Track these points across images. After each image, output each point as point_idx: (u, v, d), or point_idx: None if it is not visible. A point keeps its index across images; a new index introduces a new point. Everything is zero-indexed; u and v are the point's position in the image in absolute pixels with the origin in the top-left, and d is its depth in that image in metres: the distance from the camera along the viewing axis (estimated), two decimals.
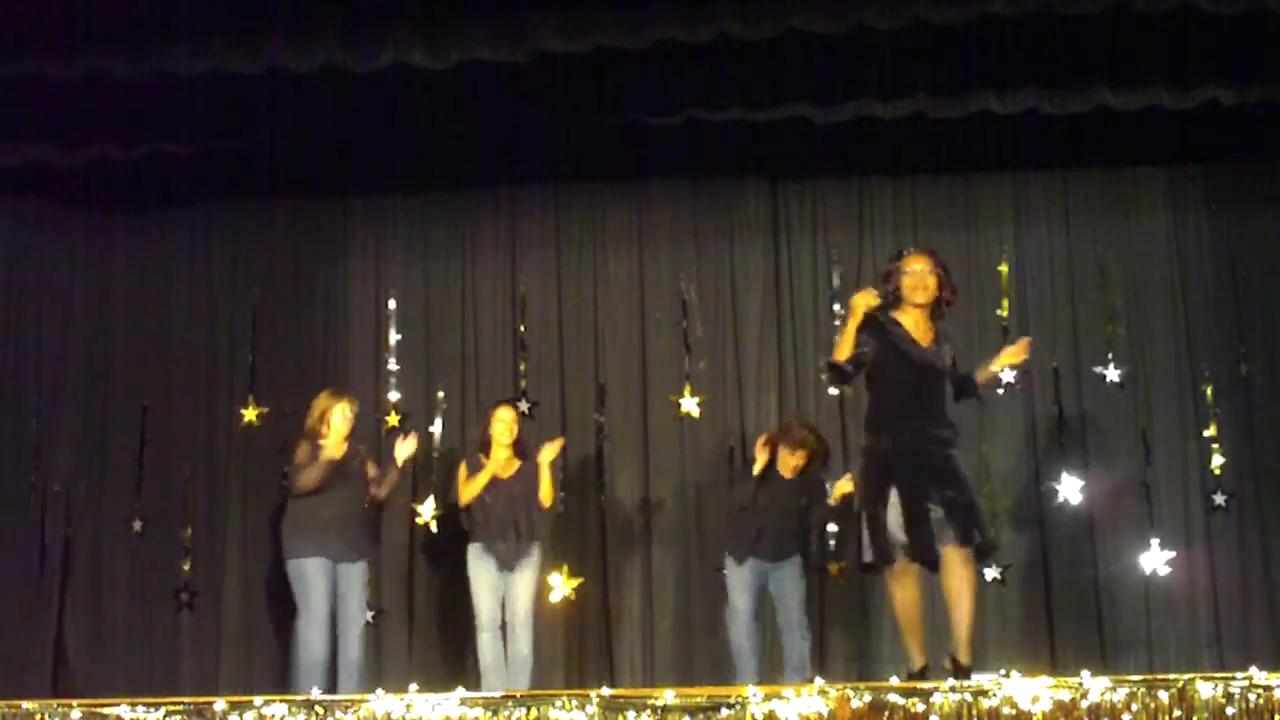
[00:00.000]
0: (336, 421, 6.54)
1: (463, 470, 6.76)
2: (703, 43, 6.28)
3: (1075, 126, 7.17)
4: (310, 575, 6.37)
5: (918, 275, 5.57)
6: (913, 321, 5.58)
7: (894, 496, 5.42)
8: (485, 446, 6.74)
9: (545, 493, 6.66)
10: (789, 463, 6.65)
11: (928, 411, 5.51)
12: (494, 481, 6.65)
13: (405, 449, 6.74)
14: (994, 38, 6.48)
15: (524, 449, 6.79)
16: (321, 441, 6.51)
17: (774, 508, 6.62)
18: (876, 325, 5.58)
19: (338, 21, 6.26)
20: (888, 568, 5.52)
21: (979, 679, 4.65)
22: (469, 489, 6.66)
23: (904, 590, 5.56)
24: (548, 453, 6.68)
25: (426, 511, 7.41)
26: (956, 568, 5.43)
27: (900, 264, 5.65)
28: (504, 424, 6.72)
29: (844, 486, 6.58)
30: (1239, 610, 7.26)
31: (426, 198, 7.95)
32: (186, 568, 7.56)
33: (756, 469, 6.60)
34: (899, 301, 5.60)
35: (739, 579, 6.66)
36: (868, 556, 5.56)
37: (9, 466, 7.56)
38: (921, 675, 5.47)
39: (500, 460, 6.71)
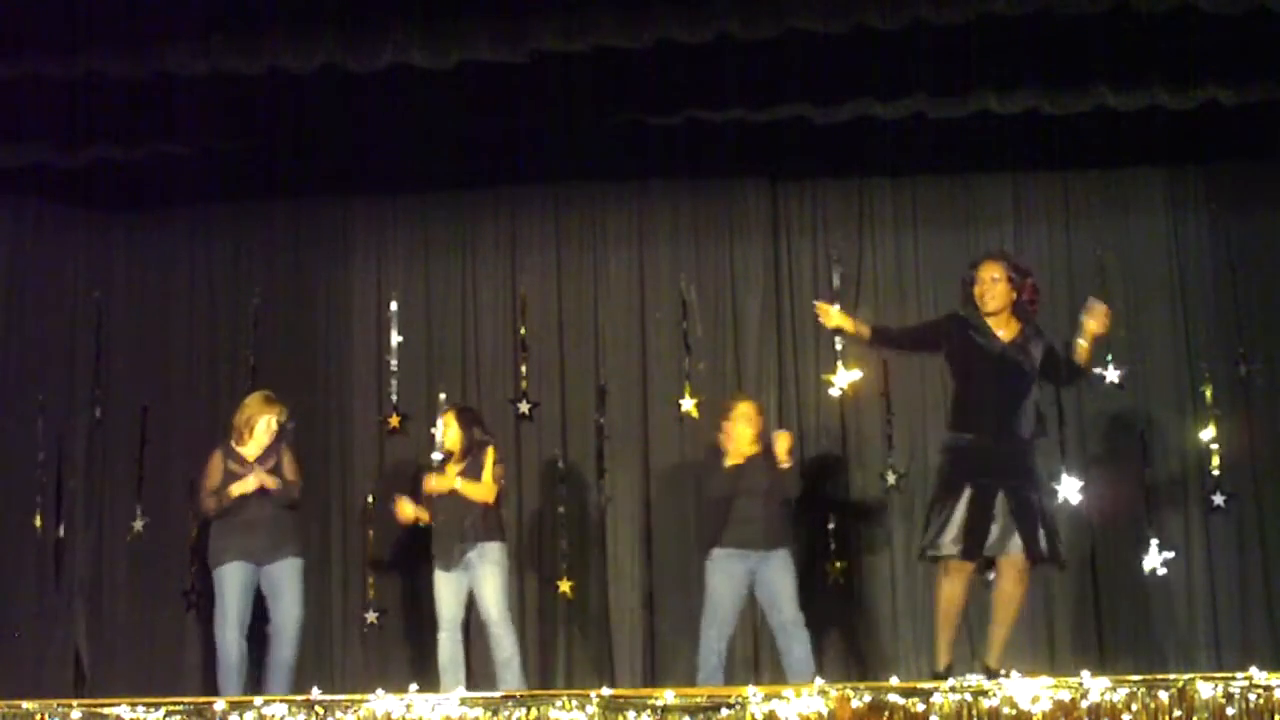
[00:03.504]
0: (259, 430, 6.46)
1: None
2: (703, 43, 6.27)
3: (1075, 126, 7.17)
4: (225, 580, 6.33)
5: (985, 284, 5.74)
6: (996, 321, 5.76)
7: (966, 493, 5.50)
8: (447, 454, 6.66)
9: (480, 491, 6.53)
10: (751, 434, 6.52)
11: (1008, 410, 5.62)
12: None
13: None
14: (994, 38, 6.48)
15: (472, 448, 6.61)
16: (239, 448, 6.43)
17: (748, 490, 6.45)
18: (959, 320, 5.80)
19: (338, 21, 6.25)
20: (945, 562, 5.56)
21: (979, 679, 4.65)
22: (416, 514, 6.66)
23: (952, 586, 5.60)
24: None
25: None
26: (1010, 577, 5.55)
27: (973, 271, 5.85)
28: (446, 428, 6.66)
29: (782, 442, 6.43)
30: (1238, 610, 7.26)
31: (427, 198, 7.96)
32: (194, 568, 7.57)
33: (730, 460, 6.48)
34: (976, 308, 5.79)
35: (722, 580, 6.47)
36: (929, 547, 5.62)
37: (11, 466, 7.57)
38: (946, 674, 5.47)
39: (449, 469, 6.60)
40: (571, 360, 7.78)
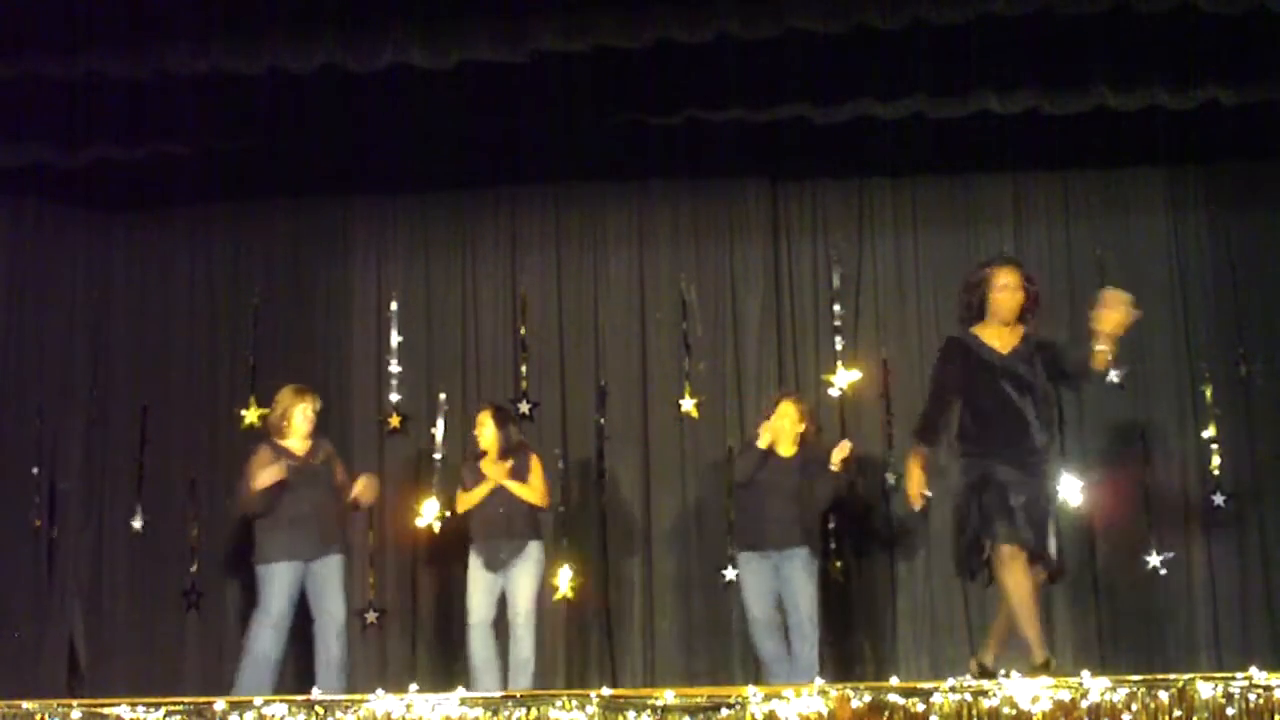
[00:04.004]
0: (298, 420, 6.51)
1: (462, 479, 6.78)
2: (703, 43, 6.28)
3: (1075, 126, 7.17)
4: (273, 579, 6.33)
5: (1005, 291, 5.47)
6: (993, 332, 5.51)
7: (987, 495, 5.33)
8: (479, 453, 6.72)
9: (530, 494, 6.61)
10: (790, 434, 6.58)
11: (1016, 423, 5.40)
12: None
13: (363, 491, 6.54)
14: (994, 38, 6.48)
15: (511, 448, 6.71)
16: (283, 442, 6.49)
17: (779, 488, 6.53)
18: (957, 343, 5.56)
19: (338, 21, 6.26)
20: (997, 552, 5.34)
21: (979, 679, 4.65)
22: (464, 500, 6.69)
23: (1014, 575, 5.31)
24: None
25: (428, 513, 7.37)
26: (1011, 567, 5.31)
27: (988, 276, 5.53)
28: (481, 428, 6.68)
29: (843, 451, 6.54)
30: (1238, 610, 7.26)
31: (427, 198, 7.96)
32: (194, 568, 7.57)
33: (763, 442, 6.51)
34: (981, 316, 5.53)
35: (752, 583, 6.55)
36: (968, 563, 5.48)
37: (11, 466, 7.57)
38: (1045, 669, 5.14)
39: (491, 464, 6.67)
40: (571, 360, 7.78)
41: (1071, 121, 7.04)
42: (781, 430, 6.58)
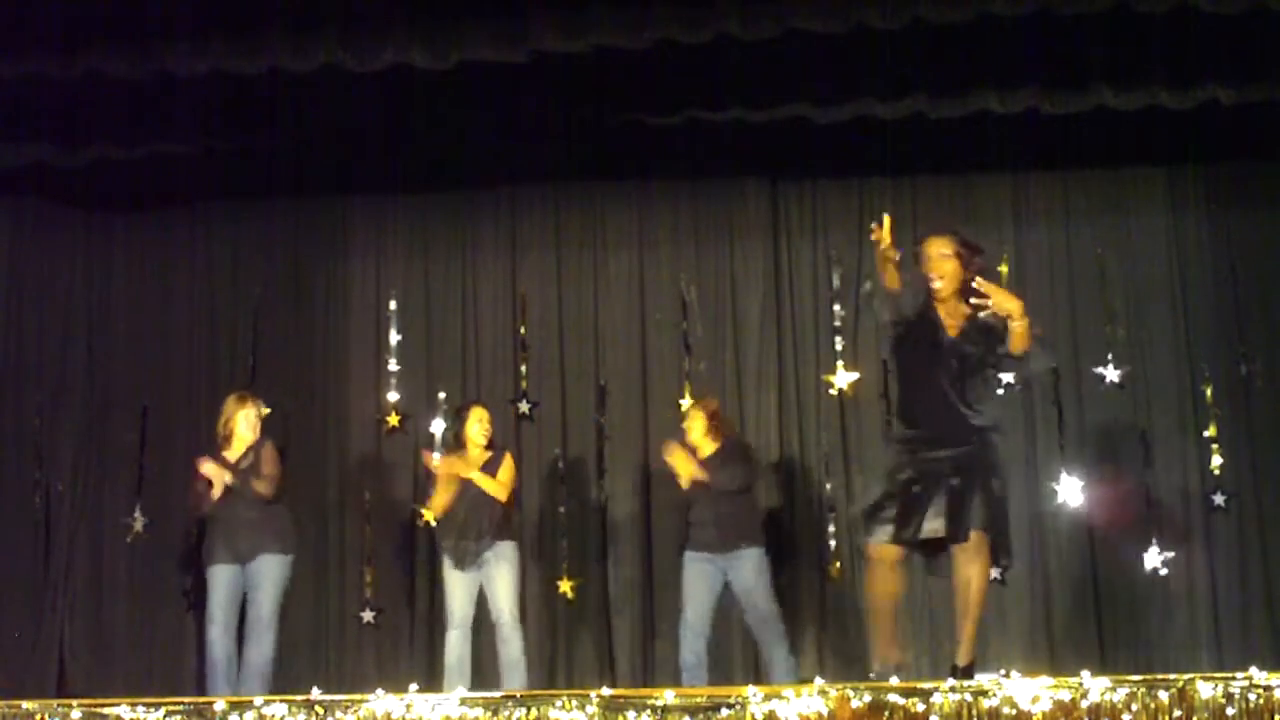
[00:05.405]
0: (241, 427, 6.49)
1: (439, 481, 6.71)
2: (703, 43, 6.27)
3: (1075, 126, 7.17)
4: (212, 581, 6.38)
5: (933, 261, 5.22)
6: (946, 310, 5.23)
7: (906, 482, 5.15)
8: (460, 447, 6.68)
9: (495, 487, 6.55)
10: (702, 438, 6.57)
11: (945, 403, 5.13)
12: (460, 480, 6.60)
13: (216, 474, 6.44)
14: (994, 38, 6.47)
15: (492, 447, 6.70)
16: (224, 453, 6.47)
17: (703, 492, 6.48)
18: (914, 311, 5.26)
19: (338, 21, 6.25)
20: (874, 548, 5.23)
21: (979, 679, 4.65)
22: (436, 503, 6.65)
23: (881, 576, 5.21)
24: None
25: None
26: (957, 562, 5.15)
27: (917, 249, 5.29)
28: (480, 424, 6.66)
29: (667, 452, 6.55)
30: (1238, 610, 7.26)
31: (426, 198, 7.96)
32: (195, 568, 7.57)
33: (685, 482, 6.51)
34: (932, 292, 5.23)
35: (692, 581, 6.49)
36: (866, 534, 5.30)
37: (10, 466, 7.58)
38: (887, 675, 4.85)
39: (472, 460, 6.62)
40: (571, 360, 7.78)
41: (1071, 121, 7.04)
42: (699, 437, 6.58)
